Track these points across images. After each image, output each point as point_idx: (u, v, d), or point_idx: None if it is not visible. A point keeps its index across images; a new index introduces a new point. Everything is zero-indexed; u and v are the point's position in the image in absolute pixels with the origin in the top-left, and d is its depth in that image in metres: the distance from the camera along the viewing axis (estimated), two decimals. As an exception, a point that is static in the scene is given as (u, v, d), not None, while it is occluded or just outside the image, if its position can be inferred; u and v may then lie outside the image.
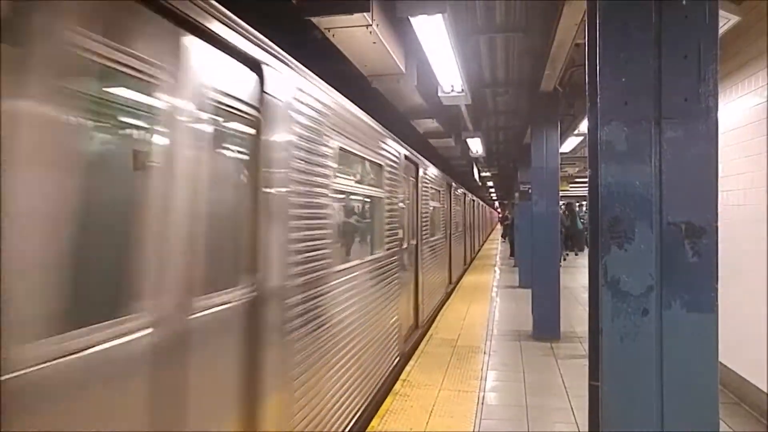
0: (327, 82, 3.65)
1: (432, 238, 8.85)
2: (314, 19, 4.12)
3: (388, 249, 5.44)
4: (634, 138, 2.04)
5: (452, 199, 12.14)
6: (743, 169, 4.70)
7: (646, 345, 1.90)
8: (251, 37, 2.51)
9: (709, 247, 1.95)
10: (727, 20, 4.44)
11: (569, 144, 11.09)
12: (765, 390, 4.32)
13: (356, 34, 4.38)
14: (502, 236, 31.93)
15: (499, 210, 49.40)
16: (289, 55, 2.98)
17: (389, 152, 5.53)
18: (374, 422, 4.40)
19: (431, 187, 8.73)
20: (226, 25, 2.29)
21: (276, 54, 2.77)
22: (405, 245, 6.55)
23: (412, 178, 7.25)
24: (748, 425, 4.32)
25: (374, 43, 4.56)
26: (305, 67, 3.23)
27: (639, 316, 1.92)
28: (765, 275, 3.87)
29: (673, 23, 2.09)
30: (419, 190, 7.59)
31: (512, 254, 19.96)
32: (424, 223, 7.97)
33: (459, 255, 14.00)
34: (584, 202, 31.57)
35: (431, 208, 8.78)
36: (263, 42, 2.64)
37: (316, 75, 3.43)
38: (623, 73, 2.12)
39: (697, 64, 2.09)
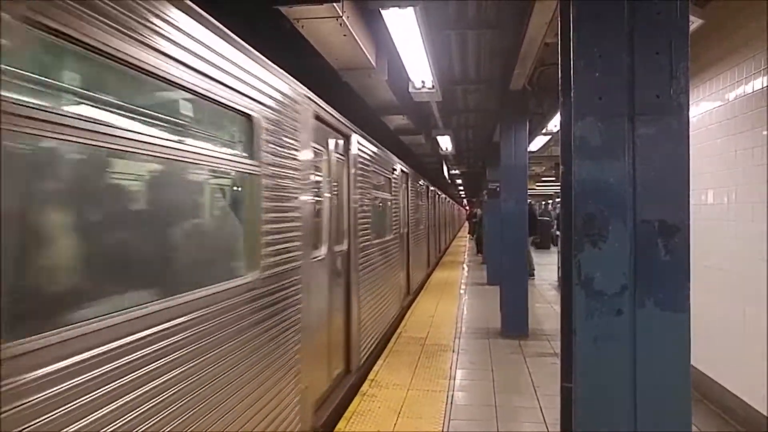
0: (297, 76, 3.82)
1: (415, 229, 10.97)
2: (283, 9, 3.98)
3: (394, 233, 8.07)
4: (608, 134, 2.00)
5: (430, 199, 13.56)
6: (708, 169, 4.78)
7: (619, 345, 1.87)
8: (346, 123, 5.12)
9: (681, 245, 1.93)
10: (691, 23, 4.50)
11: (537, 143, 11.17)
12: (732, 390, 4.41)
13: (326, 26, 4.26)
14: (469, 232, 32.22)
15: (467, 208, 49.80)
16: (256, 47, 3.11)
17: (393, 165, 8.01)
18: (340, 425, 4.31)
19: (417, 189, 10.61)
20: (342, 123, 4.98)
21: (355, 130, 5.45)
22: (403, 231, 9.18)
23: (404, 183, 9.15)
24: (711, 421, 4.40)
25: (344, 35, 4.44)
26: (272, 60, 3.35)
27: (613, 315, 1.88)
28: (765, 280, 3.89)
29: (645, 20, 2.08)
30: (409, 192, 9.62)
31: (479, 251, 20.18)
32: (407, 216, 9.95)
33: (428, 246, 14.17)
34: (548, 201, 32.11)
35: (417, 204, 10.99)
36: (350, 125, 5.29)
37: (285, 69, 3.57)
38: (597, 68, 2.08)
39: (668, 61, 2.07)
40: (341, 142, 5.13)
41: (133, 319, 1.83)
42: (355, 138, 5.49)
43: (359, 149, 5.70)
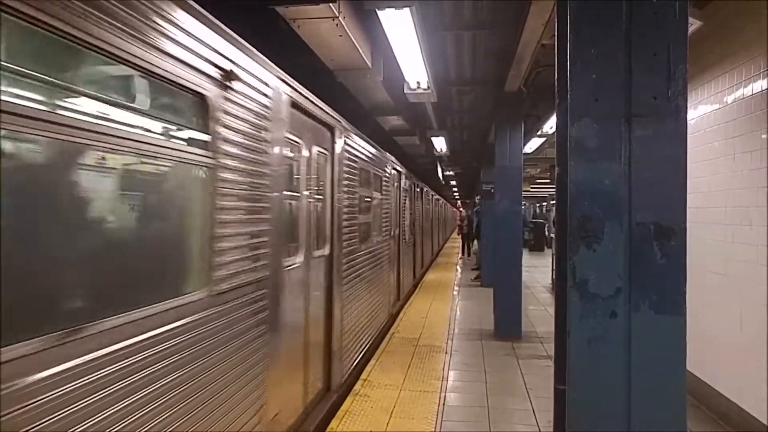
0: (292, 75, 3.76)
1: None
2: (279, 9, 3.95)
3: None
4: (604, 135, 1.99)
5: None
6: (702, 173, 4.78)
7: (614, 348, 1.86)
8: (331, 113, 4.85)
9: (677, 248, 1.92)
10: (690, 24, 4.50)
11: (532, 145, 11.19)
12: (726, 394, 4.41)
13: (322, 26, 4.24)
14: (458, 233, 32.33)
15: (461, 209, 49.80)
16: (253, 46, 3.12)
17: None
18: (333, 424, 4.28)
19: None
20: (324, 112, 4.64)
21: (339, 120, 5.16)
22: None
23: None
24: (706, 426, 4.40)
25: (340, 36, 4.42)
26: (269, 57, 3.34)
27: (607, 318, 1.87)
28: (761, 284, 3.88)
29: (643, 21, 2.07)
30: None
31: (467, 253, 20.24)
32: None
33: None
34: (542, 204, 32.20)
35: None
36: (335, 116, 4.98)
37: (280, 67, 3.54)
38: (594, 69, 2.07)
39: (666, 63, 2.06)
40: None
41: None
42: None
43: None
